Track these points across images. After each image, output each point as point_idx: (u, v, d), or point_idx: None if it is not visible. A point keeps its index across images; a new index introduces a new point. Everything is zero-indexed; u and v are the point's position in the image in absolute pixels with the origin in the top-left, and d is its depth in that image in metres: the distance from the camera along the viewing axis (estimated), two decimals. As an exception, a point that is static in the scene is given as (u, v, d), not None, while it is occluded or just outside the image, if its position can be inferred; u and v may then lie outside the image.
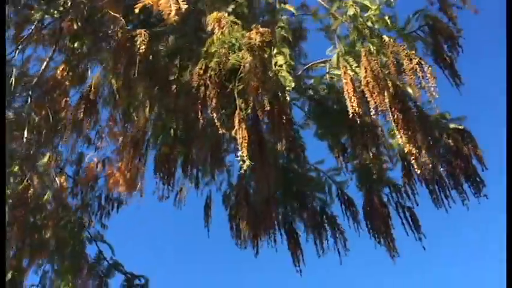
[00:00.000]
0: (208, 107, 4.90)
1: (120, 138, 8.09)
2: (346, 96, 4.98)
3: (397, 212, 7.44)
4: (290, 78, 5.32)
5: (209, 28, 5.27)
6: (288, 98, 5.46)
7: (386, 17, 5.31)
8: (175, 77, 5.93)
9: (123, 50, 5.57)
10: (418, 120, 5.13)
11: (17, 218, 6.72)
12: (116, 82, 5.81)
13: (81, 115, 5.69)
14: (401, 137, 4.88)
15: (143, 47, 5.27)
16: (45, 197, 7.50)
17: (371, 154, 6.36)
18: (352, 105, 4.87)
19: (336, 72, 6.96)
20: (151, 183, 8.39)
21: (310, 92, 6.57)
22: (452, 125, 7.05)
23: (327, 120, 6.56)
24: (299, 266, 7.49)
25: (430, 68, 4.96)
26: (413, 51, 5.06)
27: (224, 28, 5.13)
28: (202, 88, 5.01)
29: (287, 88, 5.44)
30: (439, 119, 7.09)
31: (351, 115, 4.88)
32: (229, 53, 5.11)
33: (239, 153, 4.67)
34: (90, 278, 7.99)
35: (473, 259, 18.05)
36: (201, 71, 5.10)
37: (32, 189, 7.08)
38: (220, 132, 7.58)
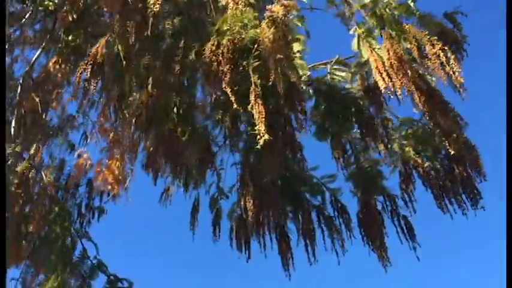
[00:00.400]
0: (222, 81, 4.33)
1: (111, 134, 7.40)
2: (375, 73, 4.43)
3: (391, 221, 6.84)
4: (305, 65, 4.76)
5: (223, 2, 4.69)
6: (303, 87, 4.93)
7: (410, 1, 4.78)
8: (180, 57, 5.30)
9: (135, 11, 4.92)
10: (442, 104, 4.58)
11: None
12: (122, 47, 5.11)
13: (88, 75, 4.94)
14: (427, 119, 4.33)
15: (157, 6, 4.64)
16: (47, 178, 6.77)
17: (382, 146, 5.74)
18: (385, 80, 4.30)
19: (338, 73, 6.46)
20: (139, 184, 7.72)
21: (315, 85, 5.96)
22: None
23: (333, 116, 5.96)
24: (289, 270, 6.84)
25: (454, 54, 4.45)
26: (435, 37, 4.54)
27: (239, 3, 4.57)
28: (215, 64, 4.44)
29: (303, 77, 4.91)
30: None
31: (383, 90, 4.32)
32: (241, 32, 4.60)
33: (256, 128, 4.15)
34: (73, 277, 7.17)
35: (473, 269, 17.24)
36: (214, 47, 4.53)
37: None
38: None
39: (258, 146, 4.13)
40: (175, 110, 5.78)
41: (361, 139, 6.16)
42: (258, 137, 4.11)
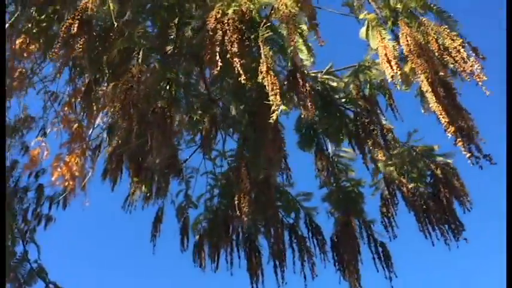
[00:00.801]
0: (229, 52, 3.86)
1: (75, 126, 6.72)
2: (383, 62, 3.99)
3: (368, 246, 6.37)
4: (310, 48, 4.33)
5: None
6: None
7: None
8: (175, 31, 4.81)
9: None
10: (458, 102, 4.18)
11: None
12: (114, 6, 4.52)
13: (75, 30, 4.30)
14: (443, 116, 3.91)
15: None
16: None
17: (381, 154, 5.28)
18: (393, 69, 3.89)
19: (329, 83, 6.07)
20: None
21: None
22: (440, 158, 6.23)
23: (330, 117, 5.51)
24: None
25: (476, 49, 4.11)
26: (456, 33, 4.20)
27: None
28: (220, 32, 3.96)
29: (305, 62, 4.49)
30: (426, 150, 6.29)
31: (390, 79, 3.89)
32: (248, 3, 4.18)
33: (270, 98, 3.68)
34: (8, 281, 6.29)
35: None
36: (219, 15, 4.06)
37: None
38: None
39: (271, 120, 3.66)
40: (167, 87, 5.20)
41: (354, 147, 5.69)
42: (273, 108, 3.63)
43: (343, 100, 5.66)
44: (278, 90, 3.65)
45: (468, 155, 3.89)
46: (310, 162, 6.41)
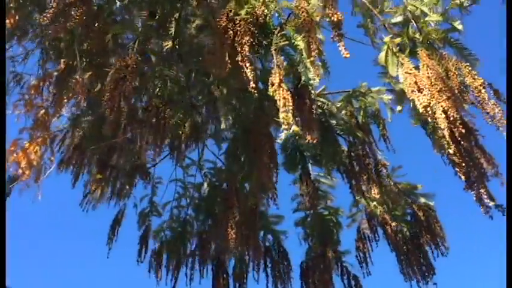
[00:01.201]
0: (239, 54, 3.48)
1: (41, 112, 6.13)
2: (410, 91, 3.65)
3: (341, 279, 6.06)
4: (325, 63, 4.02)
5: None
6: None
7: (456, 23, 4.12)
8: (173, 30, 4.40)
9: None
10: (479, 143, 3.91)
11: None
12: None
13: None
14: (461, 157, 3.63)
15: None
16: None
17: (376, 190, 4.95)
18: (425, 98, 3.55)
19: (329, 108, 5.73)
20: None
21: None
22: (422, 199, 5.99)
23: (325, 144, 5.15)
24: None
25: (497, 92, 3.85)
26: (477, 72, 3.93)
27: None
28: (231, 33, 3.58)
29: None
30: (409, 189, 6.04)
31: (421, 109, 3.55)
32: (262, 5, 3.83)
33: (280, 115, 3.29)
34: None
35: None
36: (230, 13, 3.68)
37: None
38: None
39: (279, 140, 3.29)
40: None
41: (343, 176, 5.37)
42: (283, 126, 3.24)
43: (339, 127, 5.30)
44: (291, 107, 3.27)
45: (481, 207, 3.61)
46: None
